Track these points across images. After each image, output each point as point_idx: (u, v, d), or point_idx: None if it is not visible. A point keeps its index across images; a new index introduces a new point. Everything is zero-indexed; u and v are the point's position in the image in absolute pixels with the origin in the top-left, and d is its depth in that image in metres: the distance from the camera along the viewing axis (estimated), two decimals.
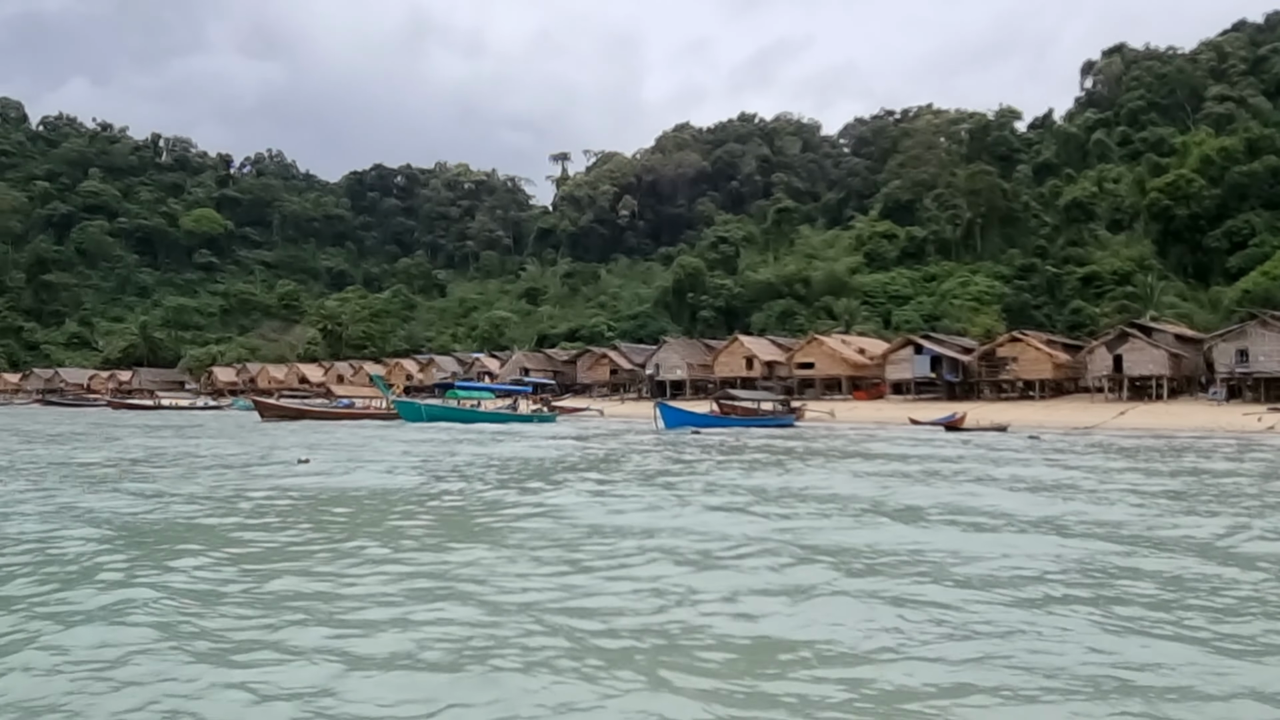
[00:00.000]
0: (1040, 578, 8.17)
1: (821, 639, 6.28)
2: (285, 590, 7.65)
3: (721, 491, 15.30)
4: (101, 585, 7.75)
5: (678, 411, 39.11)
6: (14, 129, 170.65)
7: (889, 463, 21.84)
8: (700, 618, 6.81)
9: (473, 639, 6.16)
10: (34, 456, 22.94)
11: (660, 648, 6.10)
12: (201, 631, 6.37)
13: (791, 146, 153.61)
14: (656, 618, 6.84)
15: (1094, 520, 11.74)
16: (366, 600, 7.28)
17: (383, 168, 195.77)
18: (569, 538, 10.36)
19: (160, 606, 6.96)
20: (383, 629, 6.41)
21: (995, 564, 8.92)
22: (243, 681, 5.32)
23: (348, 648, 5.94)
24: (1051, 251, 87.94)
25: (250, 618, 6.75)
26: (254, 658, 5.79)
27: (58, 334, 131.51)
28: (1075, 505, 13.29)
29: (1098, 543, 10.06)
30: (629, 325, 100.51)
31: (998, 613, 6.93)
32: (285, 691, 5.19)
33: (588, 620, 6.69)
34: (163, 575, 8.13)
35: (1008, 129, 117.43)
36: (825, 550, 9.56)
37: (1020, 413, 50.24)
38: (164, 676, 5.41)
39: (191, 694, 5.15)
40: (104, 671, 5.51)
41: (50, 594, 7.51)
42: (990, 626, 6.56)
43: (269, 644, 6.07)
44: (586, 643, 6.13)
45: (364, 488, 15.95)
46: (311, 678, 5.40)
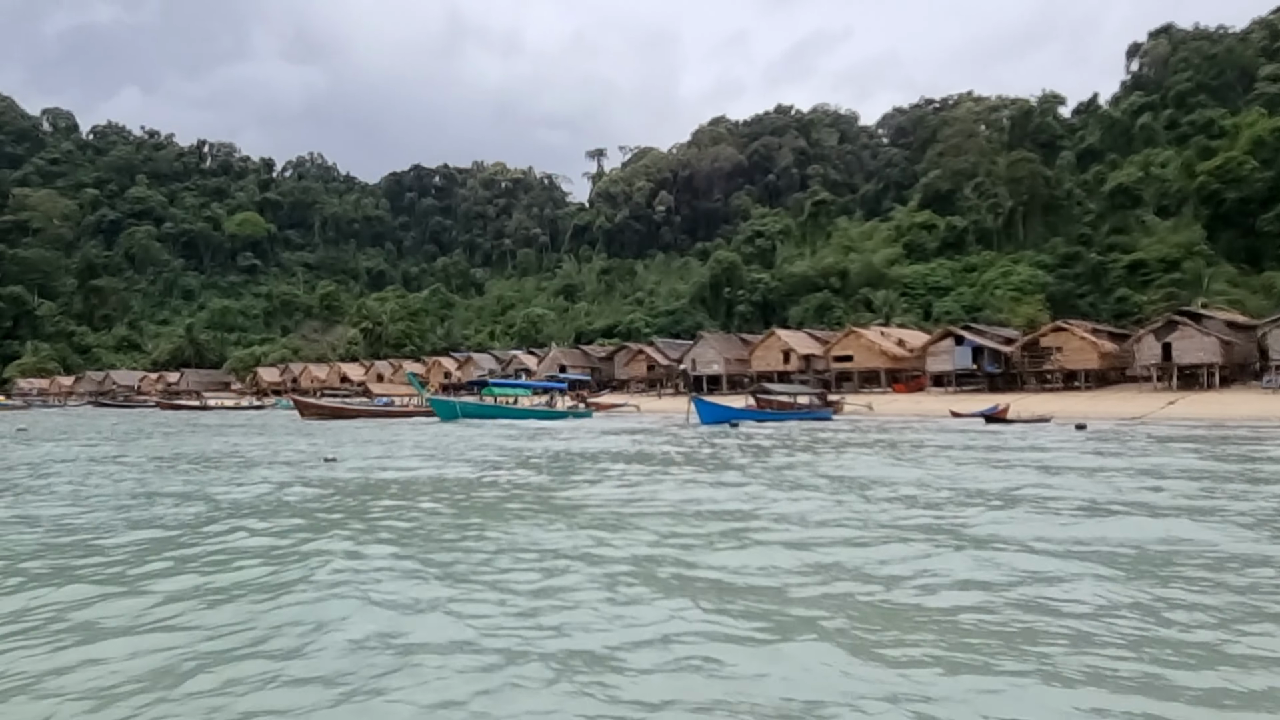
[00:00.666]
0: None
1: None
2: (454, 559, 8.70)
3: (792, 477, 15.60)
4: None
5: (713, 406, 38.82)
6: (64, 138, 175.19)
7: (938, 452, 21.46)
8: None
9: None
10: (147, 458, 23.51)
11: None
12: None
13: (829, 138, 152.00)
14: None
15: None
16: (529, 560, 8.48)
17: (421, 168, 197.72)
18: (675, 522, 10.93)
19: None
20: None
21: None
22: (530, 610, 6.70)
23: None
24: (1096, 239, 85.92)
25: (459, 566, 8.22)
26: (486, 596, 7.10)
27: (108, 337, 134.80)
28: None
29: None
30: (665, 321, 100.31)
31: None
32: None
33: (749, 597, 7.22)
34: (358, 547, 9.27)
35: (1050, 115, 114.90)
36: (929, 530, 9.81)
37: (1065, 403, 49.18)
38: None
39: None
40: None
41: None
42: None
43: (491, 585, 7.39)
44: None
45: (442, 477, 16.66)
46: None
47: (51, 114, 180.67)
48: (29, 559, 8.87)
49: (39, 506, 12.63)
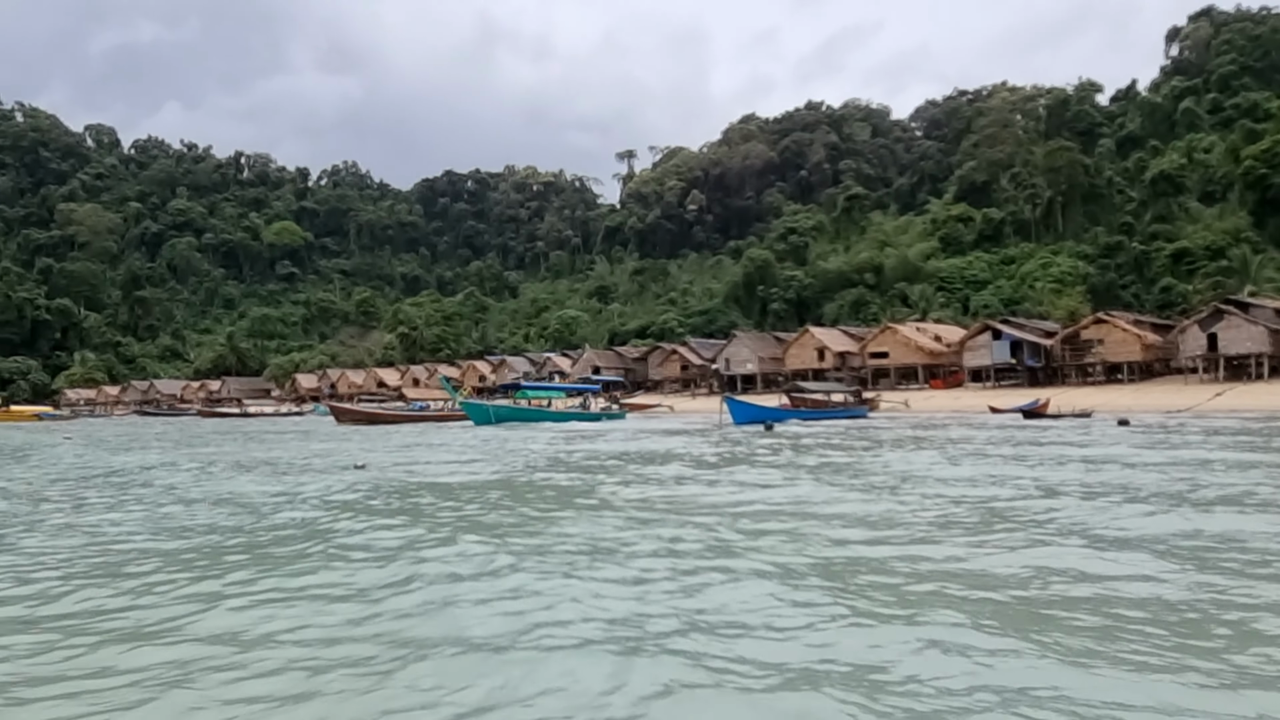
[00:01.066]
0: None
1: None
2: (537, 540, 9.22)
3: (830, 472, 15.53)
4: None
5: (746, 406, 38.48)
6: (107, 153, 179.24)
7: (984, 447, 21.02)
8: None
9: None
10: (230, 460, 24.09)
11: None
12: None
13: (861, 133, 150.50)
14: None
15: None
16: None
17: (453, 173, 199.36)
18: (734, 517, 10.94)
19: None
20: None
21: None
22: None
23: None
24: (1138, 228, 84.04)
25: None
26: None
27: (152, 347, 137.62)
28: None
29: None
30: (699, 320, 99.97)
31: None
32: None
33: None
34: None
35: (1088, 103, 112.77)
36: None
37: (1107, 397, 48.16)
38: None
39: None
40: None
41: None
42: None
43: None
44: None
45: (510, 480, 16.84)
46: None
47: (95, 130, 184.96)
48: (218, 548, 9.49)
49: (168, 508, 13.10)
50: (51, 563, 8.78)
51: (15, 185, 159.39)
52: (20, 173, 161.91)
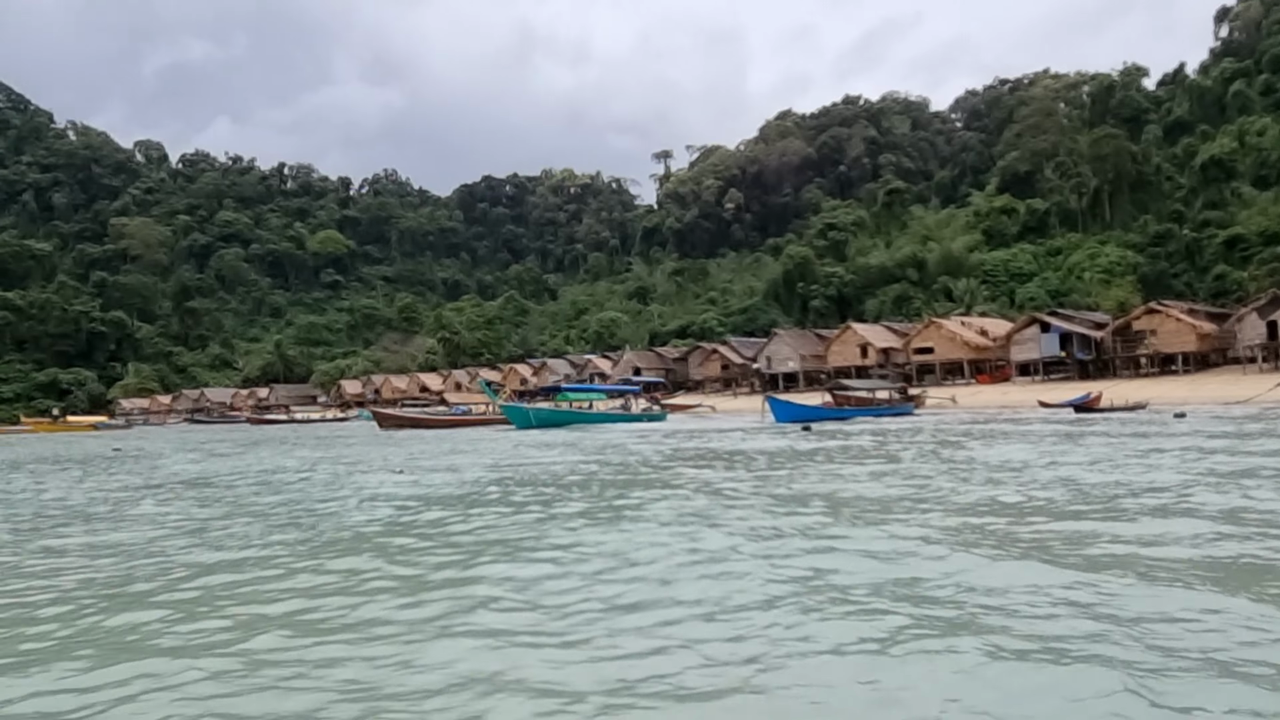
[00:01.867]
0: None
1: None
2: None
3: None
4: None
5: (787, 405, 38.15)
6: (156, 168, 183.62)
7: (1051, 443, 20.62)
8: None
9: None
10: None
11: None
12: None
13: (900, 126, 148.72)
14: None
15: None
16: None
17: (491, 178, 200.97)
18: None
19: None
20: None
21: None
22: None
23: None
24: (1189, 215, 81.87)
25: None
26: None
27: (202, 356, 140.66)
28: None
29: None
30: (739, 319, 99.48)
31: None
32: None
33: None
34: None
35: (1134, 88, 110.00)
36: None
37: (1162, 389, 46.94)
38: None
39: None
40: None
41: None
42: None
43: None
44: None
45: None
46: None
47: (144, 146, 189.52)
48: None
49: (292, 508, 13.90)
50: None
51: (70, 201, 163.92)
52: (75, 189, 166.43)
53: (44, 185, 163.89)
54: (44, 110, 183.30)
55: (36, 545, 10.89)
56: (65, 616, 7.00)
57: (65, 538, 11.43)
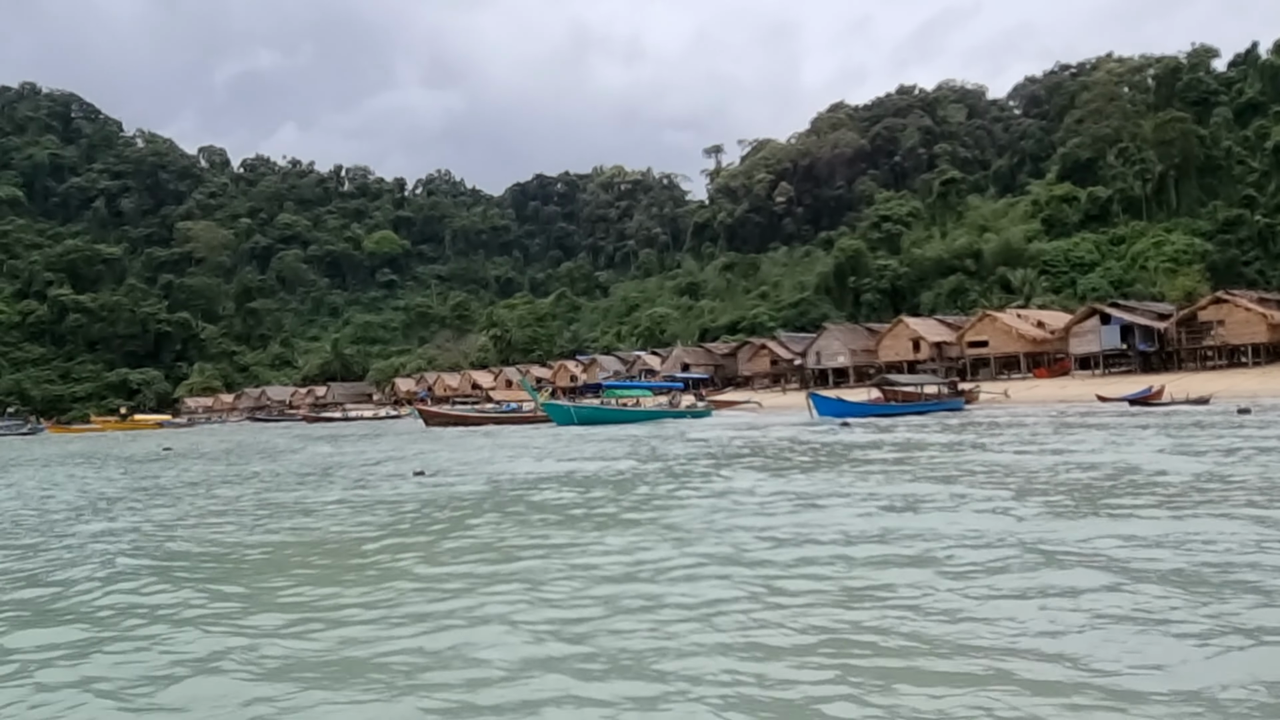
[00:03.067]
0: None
1: None
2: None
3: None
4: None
5: (831, 401, 37.40)
6: (219, 173, 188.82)
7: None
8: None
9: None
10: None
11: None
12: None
13: (956, 114, 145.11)
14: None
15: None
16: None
17: (543, 177, 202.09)
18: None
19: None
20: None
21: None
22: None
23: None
24: (1261, 201, 78.44)
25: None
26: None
27: (263, 355, 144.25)
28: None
29: None
30: (790, 314, 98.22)
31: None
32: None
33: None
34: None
35: (1202, 69, 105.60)
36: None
37: (1229, 382, 45.00)
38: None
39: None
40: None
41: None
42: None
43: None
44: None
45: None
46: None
47: (207, 151, 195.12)
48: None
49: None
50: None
51: (138, 207, 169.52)
52: (143, 195, 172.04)
53: (114, 192, 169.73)
54: (114, 119, 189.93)
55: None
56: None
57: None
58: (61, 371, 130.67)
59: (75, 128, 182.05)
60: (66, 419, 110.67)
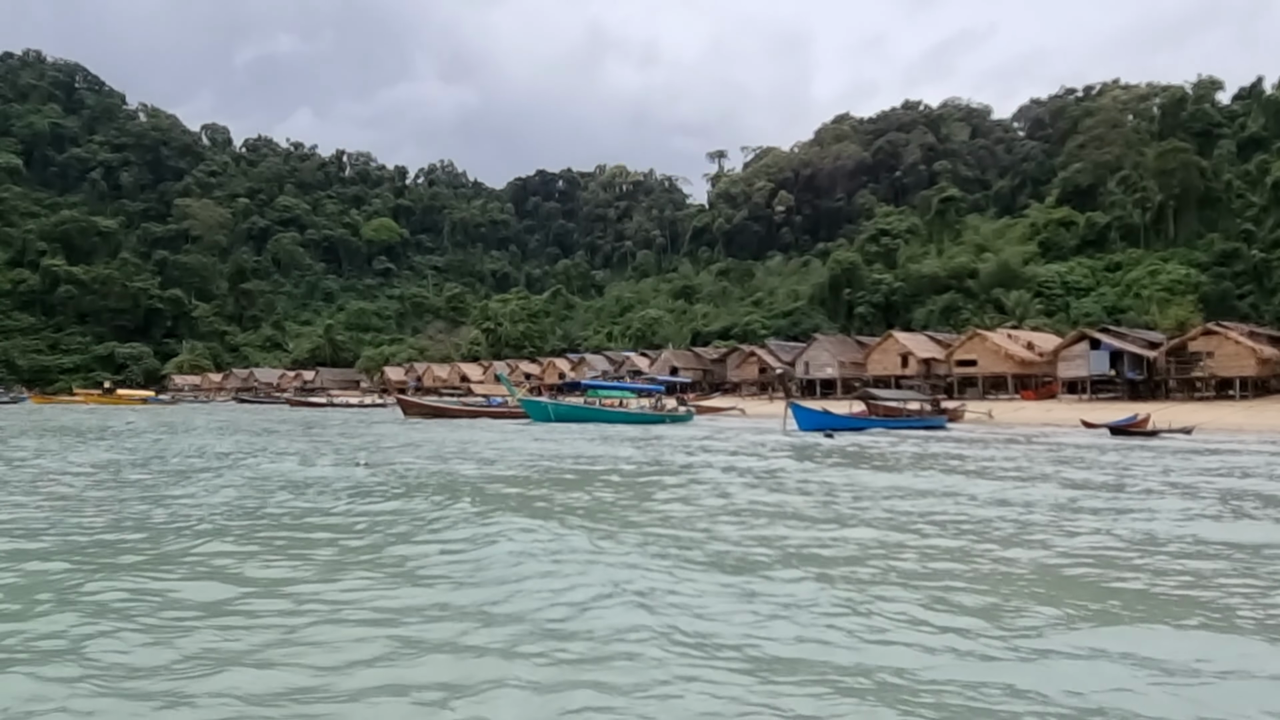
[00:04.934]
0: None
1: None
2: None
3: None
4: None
5: (812, 412, 37.04)
6: (220, 151, 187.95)
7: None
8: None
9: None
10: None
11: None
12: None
13: (959, 133, 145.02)
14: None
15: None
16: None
17: (545, 173, 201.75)
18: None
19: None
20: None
21: None
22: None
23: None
24: (1259, 235, 78.46)
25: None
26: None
27: (255, 337, 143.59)
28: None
29: None
30: (783, 323, 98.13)
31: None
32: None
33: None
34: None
35: (1207, 101, 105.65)
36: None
37: (1215, 414, 44.75)
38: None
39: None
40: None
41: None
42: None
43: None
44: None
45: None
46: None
47: (210, 129, 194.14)
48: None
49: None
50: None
51: (137, 181, 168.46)
52: (142, 169, 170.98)
53: (114, 164, 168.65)
54: (117, 92, 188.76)
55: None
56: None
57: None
58: (50, 342, 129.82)
59: (78, 98, 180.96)
60: (53, 390, 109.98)
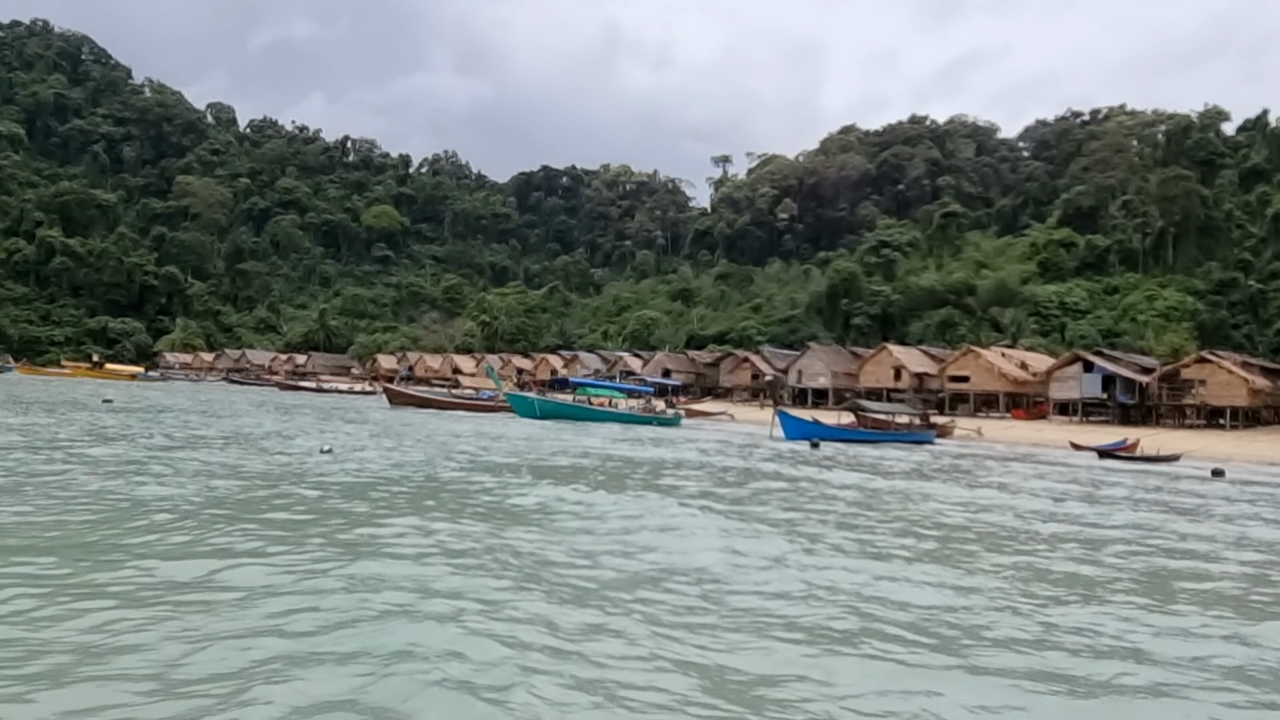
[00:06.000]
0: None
1: None
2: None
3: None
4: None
5: (799, 421, 36.82)
6: (224, 130, 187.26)
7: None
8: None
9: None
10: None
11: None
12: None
13: (965, 149, 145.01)
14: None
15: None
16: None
17: (549, 168, 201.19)
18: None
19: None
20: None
21: None
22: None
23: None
24: (1257, 265, 78.53)
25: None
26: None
27: (249, 318, 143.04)
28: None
29: None
30: (780, 330, 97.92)
31: None
32: None
33: None
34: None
35: (1212, 130, 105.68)
36: None
37: (1204, 442, 44.62)
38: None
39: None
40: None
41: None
42: None
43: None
44: None
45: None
46: None
47: (215, 108, 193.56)
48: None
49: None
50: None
51: (139, 156, 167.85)
52: (145, 145, 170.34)
53: (116, 138, 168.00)
54: (123, 65, 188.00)
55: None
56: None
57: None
58: (42, 313, 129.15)
59: (84, 70, 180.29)
60: (43, 361, 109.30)
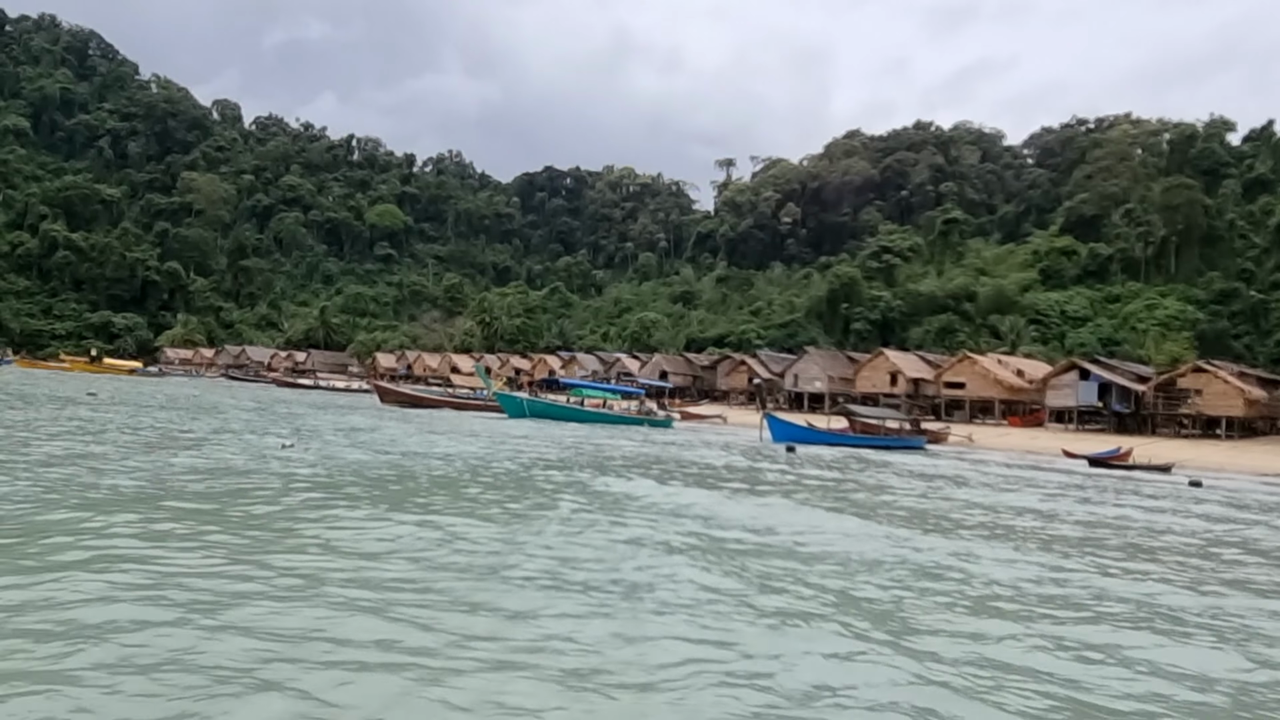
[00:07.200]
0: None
1: None
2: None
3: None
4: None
5: (787, 425, 36.62)
6: (229, 127, 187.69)
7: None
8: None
9: None
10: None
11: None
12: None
13: (969, 156, 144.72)
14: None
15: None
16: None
17: (553, 169, 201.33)
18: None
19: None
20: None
21: None
22: None
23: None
24: (1258, 276, 78.17)
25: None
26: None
27: (250, 314, 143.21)
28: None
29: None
30: (779, 334, 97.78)
31: None
32: None
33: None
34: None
35: (1216, 140, 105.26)
36: None
37: (1199, 452, 44.32)
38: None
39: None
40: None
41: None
42: None
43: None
44: None
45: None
46: None
47: (221, 105, 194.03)
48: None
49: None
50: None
51: (144, 151, 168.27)
52: (150, 140, 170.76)
53: (121, 133, 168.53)
54: (130, 61, 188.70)
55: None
56: None
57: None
58: (44, 307, 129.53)
59: (90, 65, 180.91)
60: (42, 355, 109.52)
